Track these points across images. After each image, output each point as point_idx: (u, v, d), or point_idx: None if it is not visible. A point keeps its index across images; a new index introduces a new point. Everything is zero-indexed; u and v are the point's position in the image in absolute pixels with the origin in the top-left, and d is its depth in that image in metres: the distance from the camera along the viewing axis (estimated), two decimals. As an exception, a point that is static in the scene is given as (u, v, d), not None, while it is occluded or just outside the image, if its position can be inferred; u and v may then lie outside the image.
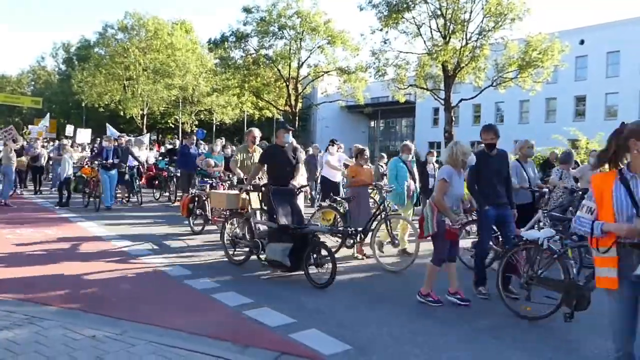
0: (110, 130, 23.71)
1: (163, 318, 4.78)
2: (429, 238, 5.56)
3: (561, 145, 17.51)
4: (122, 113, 41.08)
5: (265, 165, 7.15)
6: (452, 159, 5.51)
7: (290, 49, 31.14)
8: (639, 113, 35.70)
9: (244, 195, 7.29)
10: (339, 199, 8.59)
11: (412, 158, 8.78)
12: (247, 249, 7.06)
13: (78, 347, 3.92)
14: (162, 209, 13.28)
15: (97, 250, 7.94)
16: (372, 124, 58.45)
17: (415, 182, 8.56)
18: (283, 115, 37.19)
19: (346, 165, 11.73)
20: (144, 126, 40.63)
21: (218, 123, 45.14)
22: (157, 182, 15.28)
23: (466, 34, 22.53)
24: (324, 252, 6.11)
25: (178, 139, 39.84)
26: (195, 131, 39.03)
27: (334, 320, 4.92)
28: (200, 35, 68.32)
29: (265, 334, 4.50)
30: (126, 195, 14.10)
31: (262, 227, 7.03)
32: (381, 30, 23.75)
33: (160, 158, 16.42)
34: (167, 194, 14.88)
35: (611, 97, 37.28)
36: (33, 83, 66.28)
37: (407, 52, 24.52)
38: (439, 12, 22.54)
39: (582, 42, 36.58)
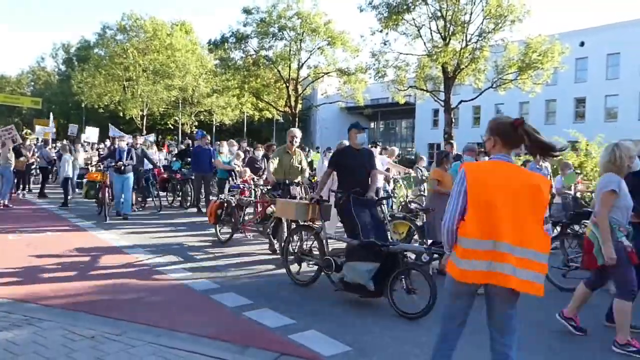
0: (114, 130, 23.48)
1: (162, 319, 4.77)
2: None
3: (561, 147, 17.48)
4: (121, 114, 41.13)
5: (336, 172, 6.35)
6: (616, 164, 4.46)
7: (290, 50, 31.15)
8: (639, 115, 35.79)
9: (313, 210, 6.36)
10: (415, 208, 7.59)
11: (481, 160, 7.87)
12: (315, 268, 6.15)
13: (77, 348, 3.90)
14: (179, 214, 12.47)
15: (98, 252, 7.92)
16: (372, 125, 58.47)
17: None
18: (283, 117, 37.23)
19: (388, 170, 11.21)
20: (144, 127, 40.64)
21: (218, 124, 45.18)
22: (170, 185, 14.35)
23: (466, 36, 22.57)
24: (417, 276, 5.17)
25: (177, 139, 39.92)
26: (195, 132, 39.03)
27: (333, 321, 4.91)
28: (199, 35, 68.11)
29: (264, 335, 4.49)
30: (141, 200, 13.23)
31: (335, 243, 6.24)
32: (381, 31, 23.79)
33: (175, 159, 15.55)
34: (180, 198, 14.00)
35: (611, 99, 37.33)
36: (33, 83, 66.40)
37: (407, 54, 24.58)
38: (439, 14, 22.58)
39: (582, 44, 36.63)
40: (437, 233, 6.64)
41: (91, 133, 25.90)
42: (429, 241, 7.10)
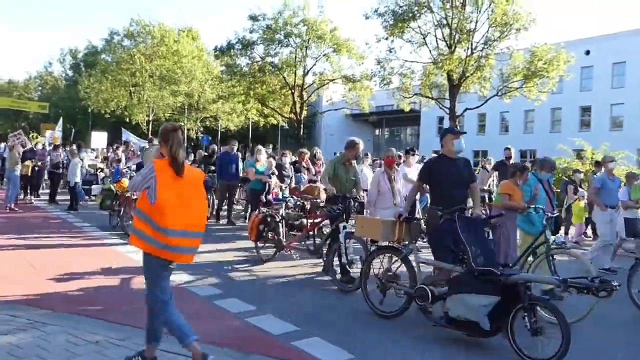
0: (127, 135, 23.29)
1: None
2: None
3: (567, 155, 17.46)
4: (127, 119, 41.29)
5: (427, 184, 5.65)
6: None
7: (295, 56, 31.27)
8: (645, 124, 35.68)
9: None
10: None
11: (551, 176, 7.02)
12: (404, 298, 5.25)
13: (81, 352, 3.92)
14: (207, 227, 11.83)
15: (103, 257, 7.95)
16: (377, 132, 58.49)
17: (553, 205, 6.72)
18: (288, 123, 37.32)
19: None
20: (150, 132, 40.76)
21: (223, 130, 45.29)
22: None
23: (471, 44, 22.59)
24: (545, 313, 4.45)
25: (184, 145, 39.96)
26: (201, 137, 39.12)
27: (336, 328, 4.91)
28: (203, 36, 67.85)
29: (268, 342, 4.50)
30: None
31: (424, 269, 5.39)
32: (387, 39, 23.84)
33: (196, 166, 15.30)
34: None
35: (617, 107, 37.21)
36: (40, 88, 66.76)
37: (412, 61, 24.62)
38: (444, 22, 22.61)
39: (587, 52, 36.58)
40: (504, 254, 6.00)
41: (99, 138, 25.77)
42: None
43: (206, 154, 15.73)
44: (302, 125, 32.34)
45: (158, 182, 3.47)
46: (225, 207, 12.18)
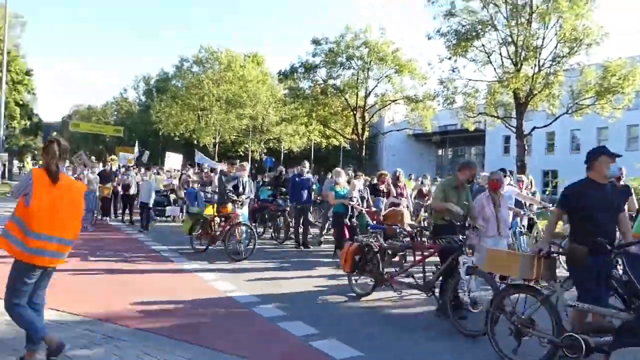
0: (200, 157, 23.80)
1: (230, 345, 4.87)
2: None
3: (645, 175, 16.39)
4: (195, 142, 42.96)
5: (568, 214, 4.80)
6: None
7: (357, 78, 31.53)
8: None
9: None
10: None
11: None
12: (547, 347, 4.41)
13: (151, 369, 4.07)
14: (275, 250, 11.41)
15: (175, 278, 8.23)
16: (440, 152, 57.61)
17: None
18: (350, 144, 37.52)
19: (518, 202, 9.41)
20: (216, 154, 42.19)
21: (286, 151, 46.15)
22: (259, 215, 13.31)
23: (539, 61, 21.87)
24: None
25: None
26: (265, 159, 40.03)
27: (402, 355, 4.82)
28: (268, 61, 69.50)
29: (330, 366, 4.48)
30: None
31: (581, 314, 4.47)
32: (449, 58, 23.55)
33: (268, 187, 14.50)
34: (271, 230, 12.94)
35: (702, 124, 34.76)
36: (116, 113, 71.18)
37: (476, 80, 24.13)
38: (509, 39, 22.08)
39: (667, 66, 34.51)
40: None
41: (174, 159, 26.30)
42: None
43: (275, 175, 15.63)
44: (364, 146, 32.39)
45: (34, 188, 3.81)
46: (301, 229, 11.77)
